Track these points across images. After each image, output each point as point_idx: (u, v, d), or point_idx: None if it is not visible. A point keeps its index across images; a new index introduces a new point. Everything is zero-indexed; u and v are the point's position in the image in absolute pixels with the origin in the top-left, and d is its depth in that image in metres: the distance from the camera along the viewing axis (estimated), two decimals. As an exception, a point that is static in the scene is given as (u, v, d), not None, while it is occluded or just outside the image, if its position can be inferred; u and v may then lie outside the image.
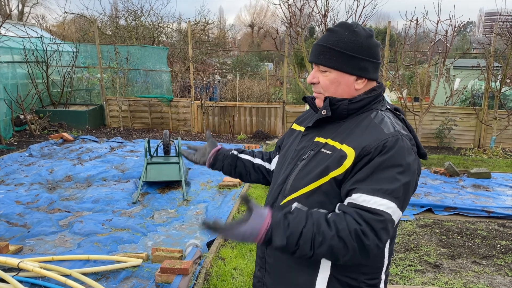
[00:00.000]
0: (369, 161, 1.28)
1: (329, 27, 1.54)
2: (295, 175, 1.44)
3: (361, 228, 1.22)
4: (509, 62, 9.07)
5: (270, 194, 1.57)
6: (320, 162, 1.38)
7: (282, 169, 1.54)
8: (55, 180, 6.24)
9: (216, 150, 1.83)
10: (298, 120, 1.69)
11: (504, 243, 4.41)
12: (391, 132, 1.32)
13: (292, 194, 1.43)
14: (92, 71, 12.37)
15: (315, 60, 1.45)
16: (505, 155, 8.93)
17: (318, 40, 1.49)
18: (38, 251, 4.00)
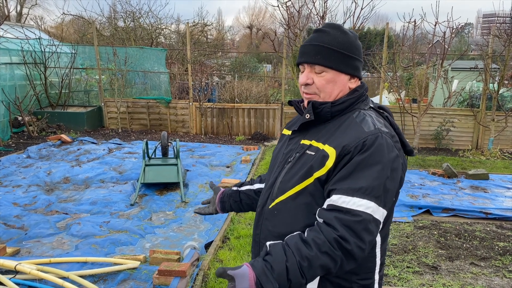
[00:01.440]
0: (349, 160, 1.30)
1: (317, 27, 1.50)
2: (281, 178, 1.47)
3: (338, 234, 1.24)
4: (507, 63, 9.09)
5: (260, 198, 1.61)
6: (304, 164, 1.41)
7: (271, 173, 1.57)
8: (53, 182, 6.23)
9: (220, 194, 1.87)
10: (288, 125, 1.70)
11: (502, 244, 4.42)
12: (370, 130, 1.34)
13: (279, 196, 1.46)
14: (90, 72, 12.36)
15: (311, 60, 1.43)
16: (503, 157, 8.94)
17: (309, 40, 1.47)
18: (36, 253, 3.99)
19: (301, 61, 1.47)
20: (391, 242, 4.43)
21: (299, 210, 1.42)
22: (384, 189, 1.28)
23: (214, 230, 4.59)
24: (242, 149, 8.96)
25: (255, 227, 1.58)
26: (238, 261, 3.85)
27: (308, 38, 1.49)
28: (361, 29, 9.59)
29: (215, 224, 4.76)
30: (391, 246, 4.35)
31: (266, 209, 1.51)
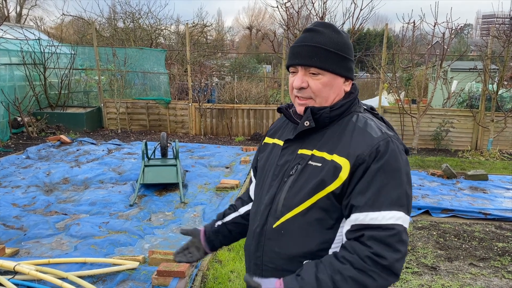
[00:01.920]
0: (366, 170, 1.24)
1: (309, 27, 1.37)
2: (285, 193, 1.34)
3: (372, 251, 1.18)
4: (506, 64, 9.10)
5: (255, 218, 1.45)
6: (311, 176, 1.30)
7: (264, 188, 1.43)
8: (52, 182, 6.23)
9: (203, 235, 1.66)
10: (269, 133, 1.57)
11: (501, 245, 4.42)
12: (379, 135, 1.28)
13: (285, 214, 1.34)
14: (90, 73, 12.36)
15: (307, 62, 1.32)
16: (502, 157, 8.95)
17: (302, 40, 1.35)
18: (35, 254, 3.98)
19: (294, 63, 1.35)
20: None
21: (311, 226, 1.30)
22: (406, 195, 1.24)
23: (213, 230, 4.58)
24: (242, 150, 8.96)
25: (255, 249, 1.42)
26: (237, 261, 3.85)
27: (300, 38, 1.37)
28: (361, 30, 9.60)
29: (214, 225, 4.76)
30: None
31: (268, 228, 1.38)
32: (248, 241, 1.51)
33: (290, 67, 1.38)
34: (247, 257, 1.53)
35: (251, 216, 1.51)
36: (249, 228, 1.51)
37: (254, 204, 1.51)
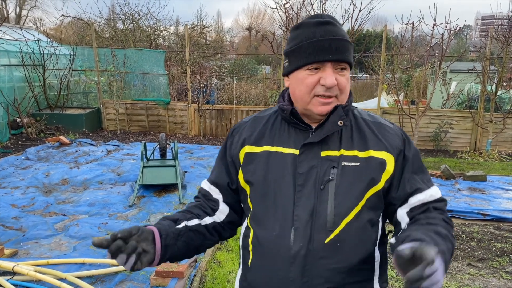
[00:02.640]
0: (405, 158, 1.28)
1: (322, 19, 1.24)
2: (333, 201, 1.21)
3: (443, 216, 1.24)
4: (505, 65, 9.12)
5: (281, 241, 1.22)
6: (355, 177, 1.22)
7: (281, 204, 1.24)
8: (51, 183, 6.24)
9: (158, 236, 1.20)
10: (250, 141, 1.34)
11: (500, 245, 4.43)
12: (393, 125, 1.35)
13: (340, 224, 1.20)
14: (89, 74, 12.38)
15: (341, 57, 1.21)
16: (501, 158, 8.96)
17: (329, 34, 1.22)
18: (34, 254, 3.99)
19: (326, 58, 1.20)
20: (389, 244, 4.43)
21: (365, 229, 1.23)
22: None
23: (212, 231, 4.59)
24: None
25: (299, 275, 1.20)
26: (235, 262, 3.85)
27: (321, 31, 1.22)
28: (360, 31, 9.62)
29: (213, 226, 4.77)
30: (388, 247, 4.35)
31: (317, 247, 1.20)
32: (274, 273, 1.23)
33: (313, 64, 1.21)
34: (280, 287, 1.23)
35: (267, 240, 1.24)
36: (270, 255, 1.24)
37: (267, 226, 1.25)
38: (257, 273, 1.28)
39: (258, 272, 1.27)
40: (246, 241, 1.33)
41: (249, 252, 1.30)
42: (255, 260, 1.29)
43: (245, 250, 1.33)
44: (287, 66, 1.30)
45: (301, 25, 1.27)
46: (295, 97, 1.29)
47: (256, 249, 1.28)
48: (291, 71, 1.28)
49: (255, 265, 1.28)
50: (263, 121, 1.37)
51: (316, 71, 1.22)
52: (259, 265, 1.27)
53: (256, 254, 1.28)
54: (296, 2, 9.68)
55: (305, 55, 1.22)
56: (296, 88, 1.26)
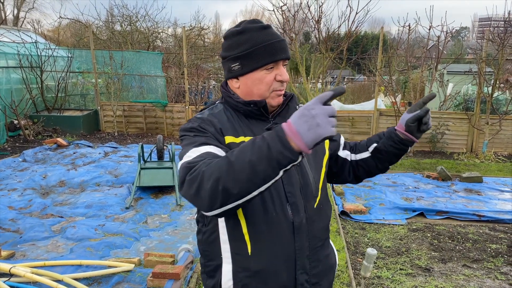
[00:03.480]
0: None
1: (262, 24, 1.42)
2: (311, 172, 1.45)
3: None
4: (501, 67, 9.16)
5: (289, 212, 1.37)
6: (314, 151, 1.43)
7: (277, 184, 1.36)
8: (49, 185, 6.24)
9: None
10: (228, 132, 1.40)
11: (495, 246, 4.45)
12: None
13: (319, 189, 1.48)
14: (86, 76, 12.38)
15: (288, 55, 1.42)
16: (497, 160, 9.00)
17: (275, 36, 1.39)
18: (30, 256, 4.00)
19: (282, 57, 1.39)
20: (385, 245, 4.46)
21: (327, 191, 1.57)
22: None
23: (209, 233, 4.60)
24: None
25: (305, 241, 1.39)
26: (232, 263, 3.86)
27: (269, 34, 1.39)
28: (357, 33, 9.65)
29: (210, 227, 4.78)
30: (384, 248, 4.38)
31: (310, 212, 1.42)
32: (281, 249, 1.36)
33: (270, 64, 1.37)
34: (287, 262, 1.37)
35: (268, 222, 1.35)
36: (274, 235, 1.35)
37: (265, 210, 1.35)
38: (262, 258, 1.36)
39: (264, 255, 1.36)
40: (237, 232, 1.36)
41: (246, 241, 1.35)
42: (257, 246, 1.35)
43: (238, 241, 1.36)
44: (239, 68, 1.40)
45: (245, 30, 1.39)
46: (252, 95, 1.42)
47: (255, 236, 1.35)
48: (245, 73, 1.40)
49: (259, 251, 1.35)
50: (223, 115, 1.44)
51: (271, 70, 1.39)
52: (263, 249, 1.35)
53: (257, 240, 1.35)
54: (293, 4, 9.71)
55: (262, 57, 1.36)
56: (254, 87, 1.41)
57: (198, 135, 1.36)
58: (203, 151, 1.27)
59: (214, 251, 1.41)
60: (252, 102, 1.41)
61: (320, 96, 1.05)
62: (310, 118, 1.03)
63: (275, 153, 1.06)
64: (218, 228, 1.39)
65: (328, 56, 9.20)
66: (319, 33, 9.11)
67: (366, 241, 4.57)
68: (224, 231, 1.38)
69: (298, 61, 9.46)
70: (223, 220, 1.38)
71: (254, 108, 1.42)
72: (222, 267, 1.39)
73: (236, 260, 1.37)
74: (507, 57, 9.54)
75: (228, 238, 1.38)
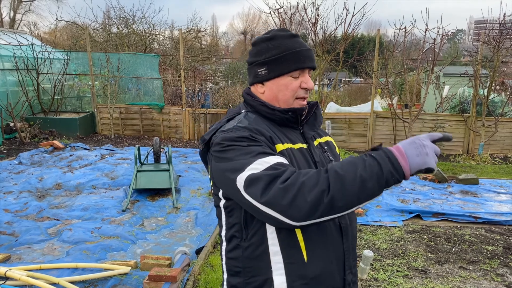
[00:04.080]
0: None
1: (291, 32, 1.49)
2: None
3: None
4: (496, 69, 9.21)
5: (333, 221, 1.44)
6: (334, 156, 1.58)
7: None
8: (45, 188, 6.22)
9: None
10: (276, 141, 1.39)
11: (491, 248, 4.47)
12: None
13: None
14: (83, 78, 12.36)
15: (314, 64, 1.48)
16: (493, 161, 9.03)
17: (304, 45, 1.46)
18: (26, 259, 3.98)
19: (309, 65, 1.45)
20: (382, 247, 4.46)
21: None
22: None
23: (206, 235, 4.60)
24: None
25: (350, 242, 1.46)
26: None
27: (298, 43, 1.45)
28: (354, 36, 9.68)
29: (206, 230, 4.78)
30: (381, 250, 4.38)
31: (350, 214, 1.47)
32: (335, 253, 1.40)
33: (297, 71, 1.42)
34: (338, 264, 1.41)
35: (322, 228, 1.37)
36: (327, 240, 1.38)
37: None
38: (318, 263, 1.36)
39: (319, 261, 1.36)
40: (290, 241, 1.33)
41: (301, 249, 1.33)
42: (312, 253, 1.35)
43: (292, 250, 1.33)
44: (265, 73, 1.43)
45: (275, 37, 1.44)
46: (277, 101, 1.45)
47: (310, 243, 1.35)
48: (271, 78, 1.43)
49: (314, 257, 1.35)
50: (259, 123, 1.40)
51: (297, 77, 1.43)
52: (317, 254, 1.36)
53: (311, 247, 1.35)
54: (289, 7, 9.74)
55: (289, 63, 1.41)
56: (279, 93, 1.44)
57: (252, 144, 1.29)
58: (274, 162, 1.23)
59: (261, 266, 1.35)
60: (290, 110, 1.43)
61: (431, 134, 1.20)
62: (421, 146, 1.15)
63: (385, 172, 1.13)
64: (266, 240, 1.34)
65: (324, 58, 9.22)
66: (316, 35, 9.13)
67: (363, 243, 4.57)
68: (275, 242, 1.33)
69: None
70: (274, 231, 1.33)
71: (292, 116, 1.44)
72: (273, 281, 1.34)
73: (290, 270, 1.34)
74: (503, 60, 9.59)
75: (280, 249, 1.33)
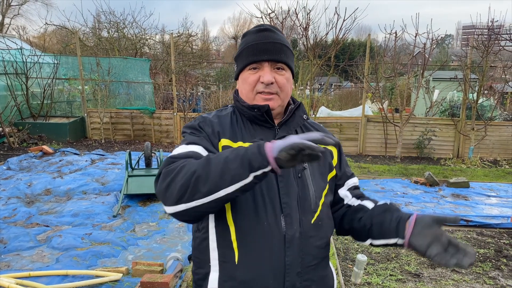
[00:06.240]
0: (340, 151, 1.53)
1: (263, 27, 1.42)
2: (312, 185, 1.37)
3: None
4: (485, 74, 9.32)
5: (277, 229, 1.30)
6: (319, 164, 1.42)
7: (268, 196, 1.32)
8: (34, 193, 6.12)
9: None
10: (226, 135, 1.38)
11: (482, 251, 4.49)
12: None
13: (319, 205, 1.38)
14: (73, 83, 12.26)
15: (277, 57, 1.36)
16: (483, 165, 9.12)
17: (266, 38, 1.38)
18: (15, 267, 3.90)
19: (263, 58, 1.36)
20: (374, 251, 4.46)
21: (329, 209, 1.46)
22: None
23: (198, 240, 4.56)
24: None
25: (296, 256, 1.31)
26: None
27: (259, 36, 1.39)
28: (344, 40, 9.74)
29: (199, 235, 4.74)
30: (374, 254, 4.38)
31: (306, 228, 1.33)
32: (269, 261, 1.29)
33: (252, 64, 1.38)
34: (275, 276, 1.29)
35: (259, 231, 1.29)
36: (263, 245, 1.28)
37: (257, 218, 1.30)
38: (249, 267, 1.28)
39: (251, 265, 1.28)
40: (225, 240, 1.31)
41: (233, 249, 1.30)
42: (244, 255, 1.29)
43: (226, 249, 1.31)
44: (235, 70, 1.47)
45: (247, 34, 1.45)
46: (243, 96, 1.43)
47: (244, 244, 1.29)
48: (238, 73, 1.44)
49: (246, 260, 1.29)
50: (228, 118, 1.43)
51: (256, 71, 1.38)
52: (250, 258, 1.28)
53: (245, 249, 1.29)
54: (281, 12, 9.78)
55: (245, 57, 1.39)
56: (242, 87, 1.43)
57: (194, 134, 1.37)
58: (190, 149, 1.29)
59: (204, 259, 1.35)
60: (256, 106, 1.38)
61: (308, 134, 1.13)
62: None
63: (249, 154, 1.10)
64: (208, 235, 1.34)
65: (316, 63, 9.26)
66: (307, 40, 9.17)
67: (355, 247, 4.57)
68: (214, 237, 1.33)
69: (286, 68, 9.46)
70: (214, 226, 1.33)
71: (258, 113, 1.38)
72: (209, 276, 1.34)
73: (223, 268, 1.31)
74: (491, 64, 9.71)
75: (216, 245, 1.33)
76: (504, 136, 9.80)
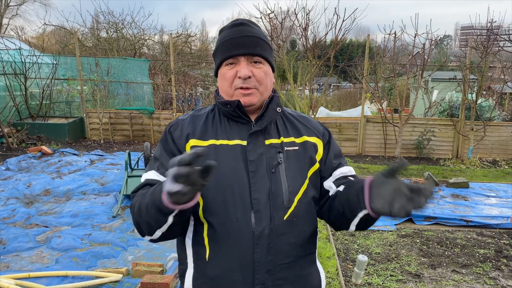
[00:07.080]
0: (328, 142, 1.49)
1: (237, 22, 1.40)
2: (286, 181, 1.33)
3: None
4: (484, 74, 9.33)
5: (246, 224, 1.28)
6: (298, 158, 1.38)
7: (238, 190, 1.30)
8: (33, 194, 6.11)
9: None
10: (195, 135, 1.37)
11: (483, 251, 4.49)
12: (314, 119, 1.57)
13: (294, 201, 1.33)
14: (72, 83, 12.22)
15: (252, 51, 1.34)
16: (482, 165, 9.12)
17: (240, 32, 1.36)
18: (14, 267, 3.89)
19: (238, 53, 1.33)
20: (375, 251, 4.46)
21: (311, 205, 1.39)
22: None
23: (198, 241, 4.55)
24: None
25: (266, 254, 1.28)
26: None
27: (234, 31, 1.37)
28: (343, 41, 9.74)
29: (199, 235, 4.73)
30: (374, 254, 4.38)
31: (277, 224, 1.29)
32: (238, 258, 1.28)
33: (228, 59, 1.35)
34: (244, 273, 1.28)
35: (228, 228, 1.28)
36: (232, 242, 1.28)
37: (226, 214, 1.28)
38: (218, 264, 1.29)
39: (220, 262, 1.29)
40: (198, 237, 1.33)
41: (205, 246, 1.31)
42: (214, 252, 1.30)
43: (199, 246, 1.33)
44: (214, 66, 1.43)
45: (223, 29, 1.42)
46: (222, 93, 1.41)
47: (214, 241, 1.30)
48: (216, 70, 1.42)
49: (215, 257, 1.30)
50: (203, 118, 1.43)
51: (233, 66, 1.35)
52: (220, 255, 1.29)
53: (215, 246, 1.30)
54: (280, 12, 9.77)
55: (221, 53, 1.36)
56: (221, 84, 1.40)
57: (157, 154, 1.43)
58: (146, 178, 1.37)
59: (184, 256, 1.38)
60: (228, 102, 1.36)
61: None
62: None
63: (157, 201, 1.14)
64: (186, 232, 1.36)
65: (315, 63, 9.25)
66: (306, 40, 9.17)
67: (356, 248, 4.56)
68: (191, 234, 1.35)
69: (285, 68, 9.49)
70: (192, 224, 1.35)
71: (230, 109, 1.36)
72: (186, 273, 1.37)
73: (196, 266, 1.34)
74: (490, 65, 9.72)
75: (191, 242, 1.35)
76: (503, 137, 9.81)
